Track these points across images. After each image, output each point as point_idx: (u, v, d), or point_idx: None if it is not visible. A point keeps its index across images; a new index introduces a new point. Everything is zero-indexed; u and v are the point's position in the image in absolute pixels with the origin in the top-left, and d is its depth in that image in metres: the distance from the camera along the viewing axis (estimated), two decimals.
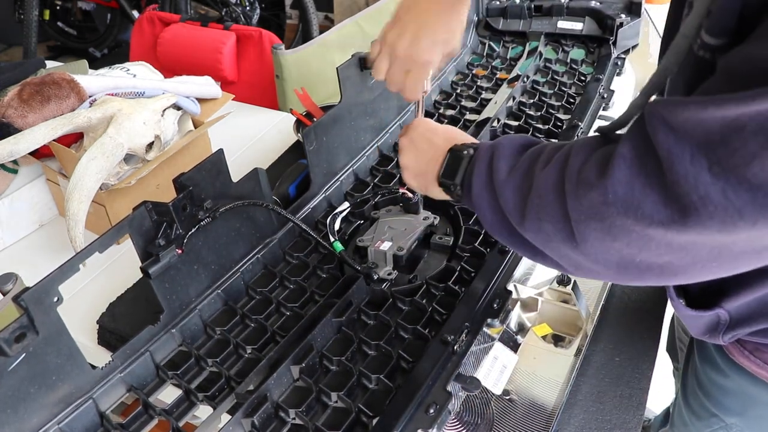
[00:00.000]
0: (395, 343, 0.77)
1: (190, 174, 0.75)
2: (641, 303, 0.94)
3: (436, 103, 1.32)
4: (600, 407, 0.79)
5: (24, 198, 1.12)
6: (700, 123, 0.41)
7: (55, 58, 3.71)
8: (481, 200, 0.62)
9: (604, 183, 0.46)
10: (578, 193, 0.49)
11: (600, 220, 0.47)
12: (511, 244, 0.62)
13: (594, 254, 0.49)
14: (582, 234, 0.49)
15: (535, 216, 0.54)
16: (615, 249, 0.48)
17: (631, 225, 0.45)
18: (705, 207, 0.40)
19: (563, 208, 0.50)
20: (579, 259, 0.52)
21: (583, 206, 0.48)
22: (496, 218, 0.61)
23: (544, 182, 0.53)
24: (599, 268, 0.51)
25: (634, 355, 0.86)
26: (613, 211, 0.45)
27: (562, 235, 0.51)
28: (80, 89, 1.09)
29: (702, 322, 0.67)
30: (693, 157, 0.41)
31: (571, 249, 0.51)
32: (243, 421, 0.67)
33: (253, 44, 1.76)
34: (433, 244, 0.90)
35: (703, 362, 0.79)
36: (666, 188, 0.42)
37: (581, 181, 0.49)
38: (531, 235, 0.56)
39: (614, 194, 0.45)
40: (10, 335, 0.58)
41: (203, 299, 0.82)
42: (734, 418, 0.78)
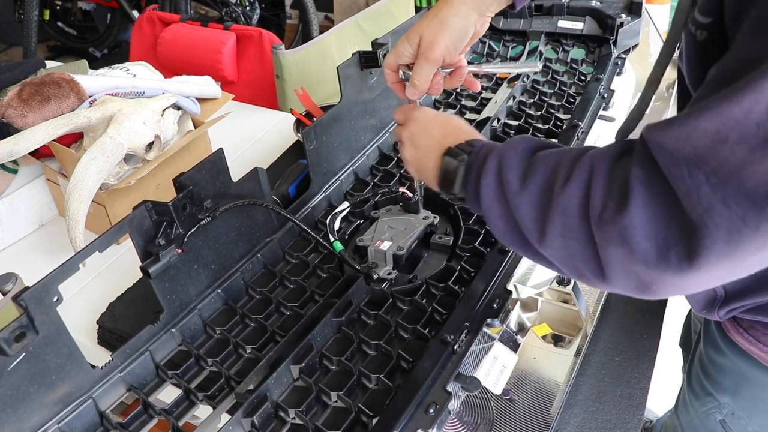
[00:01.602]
0: (395, 342, 0.77)
1: (190, 174, 0.75)
2: (641, 303, 0.94)
3: (436, 102, 1.32)
4: (600, 407, 0.78)
5: (24, 198, 1.12)
6: (687, 139, 0.42)
7: (55, 58, 3.71)
8: (492, 211, 0.60)
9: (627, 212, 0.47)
10: (602, 221, 0.49)
11: (622, 245, 0.47)
12: (524, 252, 0.61)
13: (614, 276, 0.50)
14: (606, 259, 0.50)
15: (558, 233, 0.53)
16: (634, 275, 0.49)
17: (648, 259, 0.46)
18: (711, 219, 0.42)
19: (588, 230, 0.50)
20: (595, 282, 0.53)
21: (607, 234, 0.48)
22: (509, 227, 0.59)
23: (567, 202, 0.52)
24: (617, 288, 0.52)
25: (634, 355, 0.86)
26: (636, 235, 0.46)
27: (586, 255, 0.51)
28: (80, 89, 1.09)
29: (700, 296, 0.69)
30: (690, 173, 0.42)
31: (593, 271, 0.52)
32: (243, 420, 0.67)
33: (253, 44, 1.76)
34: (433, 243, 0.90)
35: (705, 342, 0.80)
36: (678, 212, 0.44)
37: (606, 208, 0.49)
38: (552, 252, 0.55)
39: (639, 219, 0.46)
40: (9, 335, 0.58)
41: (203, 299, 0.82)
42: (727, 398, 0.79)
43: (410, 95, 0.78)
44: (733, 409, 0.79)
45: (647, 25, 1.52)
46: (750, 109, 0.40)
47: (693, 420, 0.87)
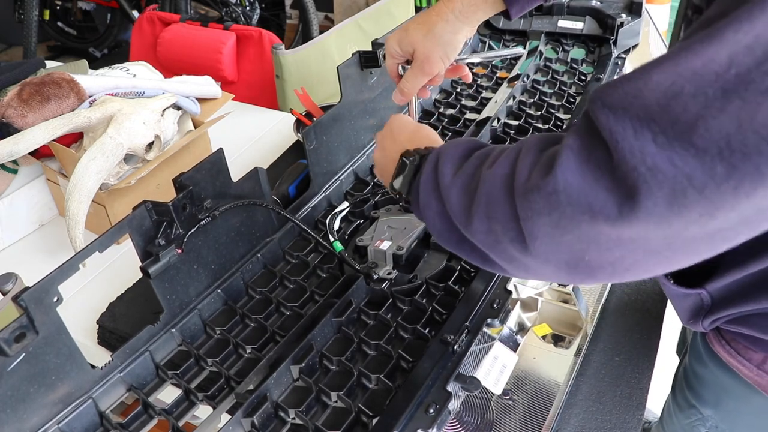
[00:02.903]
0: (395, 342, 0.77)
1: (190, 174, 0.75)
2: (641, 303, 0.94)
3: (436, 102, 1.32)
4: (600, 407, 0.78)
5: (24, 198, 1.12)
6: (637, 96, 0.40)
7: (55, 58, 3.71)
8: (428, 209, 0.60)
9: (553, 174, 0.44)
10: (527, 189, 0.47)
11: (549, 213, 0.45)
12: (460, 252, 0.60)
13: (544, 253, 0.48)
14: (531, 232, 0.47)
15: (483, 216, 0.52)
16: (565, 245, 0.46)
17: (579, 217, 0.43)
18: (654, 178, 0.39)
19: (512, 206, 0.49)
20: (528, 261, 0.50)
21: (531, 202, 0.46)
22: (444, 226, 0.59)
23: (492, 180, 0.51)
24: (549, 270, 0.49)
25: (634, 355, 0.86)
26: (562, 200, 0.44)
27: (511, 235, 0.49)
28: (80, 89, 1.09)
29: (687, 304, 0.67)
30: (636, 132, 0.39)
31: (520, 251, 0.49)
32: (243, 420, 0.67)
33: (253, 44, 1.76)
34: (433, 243, 0.90)
35: (690, 353, 0.79)
36: (614, 171, 0.41)
37: (531, 178, 0.47)
38: (480, 237, 0.54)
39: (564, 184, 0.44)
40: (9, 335, 0.58)
41: (203, 299, 0.82)
42: (710, 410, 0.78)
43: (397, 101, 0.81)
44: (716, 422, 0.78)
45: (647, 25, 1.52)
46: (710, 59, 0.37)
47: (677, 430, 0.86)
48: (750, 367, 0.66)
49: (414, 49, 0.78)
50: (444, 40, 0.77)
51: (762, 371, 0.65)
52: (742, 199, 0.37)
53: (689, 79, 0.37)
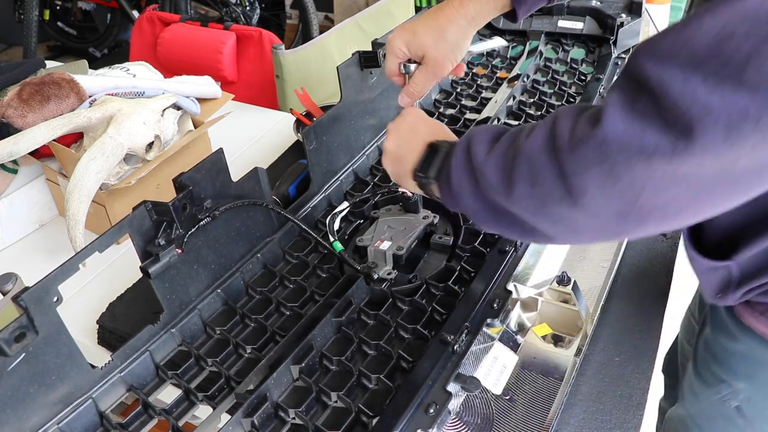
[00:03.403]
0: (395, 343, 0.77)
1: (190, 174, 0.75)
2: (641, 303, 0.94)
3: (436, 102, 1.32)
4: (600, 407, 0.78)
5: (24, 198, 1.12)
6: (685, 44, 0.42)
7: (55, 58, 3.71)
8: (461, 189, 0.62)
9: (601, 126, 0.46)
10: (573, 145, 0.49)
11: (600, 163, 0.47)
12: (498, 227, 0.62)
13: (593, 206, 0.49)
14: (580, 186, 0.49)
15: (525, 182, 0.54)
16: (616, 194, 0.48)
17: (633, 161, 0.45)
18: (709, 115, 0.41)
19: (557, 165, 0.50)
20: (576, 218, 0.52)
21: (580, 156, 0.48)
22: (478, 205, 0.61)
23: (531, 147, 0.53)
24: (598, 224, 0.51)
25: (634, 355, 0.86)
26: (614, 148, 0.46)
27: (558, 194, 0.51)
28: (80, 89, 1.09)
29: (715, 279, 0.69)
30: (686, 77, 0.42)
31: (568, 207, 0.51)
32: (243, 420, 0.67)
33: (253, 44, 1.76)
34: (432, 243, 0.90)
35: (716, 330, 0.80)
36: (663, 115, 0.43)
37: (575, 134, 0.49)
38: (522, 204, 0.55)
39: (613, 133, 0.46)
40: (9, 335, 0.58)
41: (203, 299, 0.82)
42: (742, 383, 0.79)
43: (404, 104, 0.83)
44: (749, 394, 0.78)
45: (647, 25, 1.52)
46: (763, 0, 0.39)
47: (705, 409, 0.86)
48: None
49: (424, 53, 0.80)
50: (455, 44, 0.79)
51: None
52: None
53: (741, 21, 0.40)
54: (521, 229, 0.59)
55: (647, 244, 1.06)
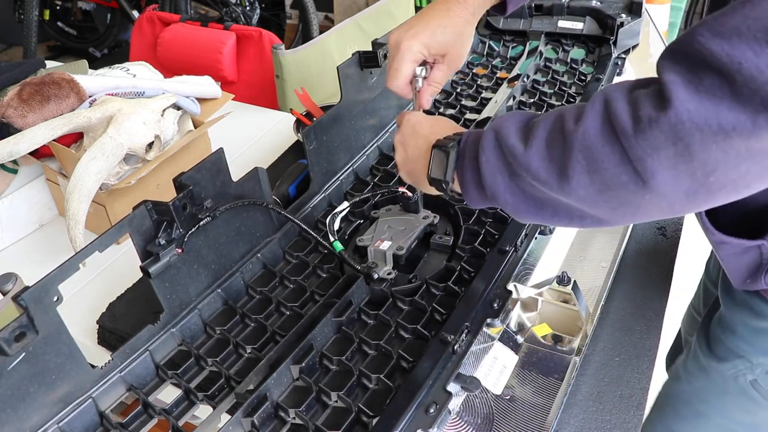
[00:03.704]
0: (395, 342, 0.77)
1: (190, 173, 0.75)
2: (641, 303, 0.94)
3: (436, 102, 1.32)
4: (600, 407, 0.79)
5: (24, 198, 1.12)
6: (756, 19, 0.42)
7: (55, 58, 3.71)
8: (496, 186, 0.61)
9: (673, 107, 0.46)
10: (641, 129, 0.48)
11: (673, 144, 0.46)
12: (542, 218, 0.61)
13: (663, 187, 0.49)
14: (650, 169, 0.49)
15: (583, 171, 0.53)
16: (688, 173, 0.48)
17: (710, 139, 0.45)
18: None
19: (619, 151, 0.50)
20: (642, 200, 0.51)
21: (649, 140, 0.48)
22: (517, 198, 0.60)
23: (586, 134, 0.52)
24: (665, 203, 0.51)
25: (634, 355, 0.86)
26: (689, 128, 0.45)
27: (623, 179, 0.50)
28: (80, 89, 1.09)
29: (745, 261, 0.69)
30: (756, 52, 0.42)
31: (634, 191, 0.51)
32: (243, 420, 0.67)
33: (253, 44, 1.76)
34: (433, 243, 0.90)
35: (733, 307, 0.82)
36: (736, 92, 0.43)
37: (640, 117, 0.48)
38: (580, 193, 0.54)
39: (687, 113, 0.45)
40: (9, 335, 0.58)
41: (203, 299, 0.82)
42: (763, 357, 0.81)
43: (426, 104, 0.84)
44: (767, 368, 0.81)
45: (647, 25, 1.52)
46: None
47: (716, 383, 0.88)
48: None
49: (447, 51, 0.80)
50: (470, 39, 0.81)
51: None
52: None
53: None
54: (568, 216, 0.59)
55: (647, 244, 1.06)
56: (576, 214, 0.57)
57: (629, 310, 0.93)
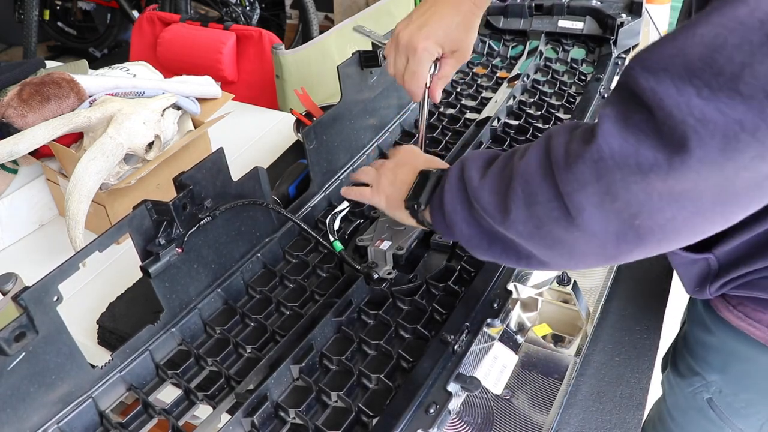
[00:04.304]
0: (395, 342, 0.77)
1: (190, 173, 0.75)
2: (641, 303, 0.94)
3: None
4: (600, 407, 0.78)
5: (24, 198, 1.12)
6: (678, 54, 0.41)
7: (55, 58, 3.71)
8: (455, 215, 0.62)
9: (596, 142, 0.45)
10: (568, 163, 0.48)
11: (597, 180, 0.46)
12: (492, 254, 0.61)
13: (591, 225, 0.48)
14: (577, 205, 0.48)
15: (521, 204, 0.53)
16: (614, 213, 0.47)
17: (630, 179, 0.44)
18: (705, 128, 0.40)
19: (553, 185, 0.49)
20: (574, 239, 0.51)
21: (575, 174, 0.47)
22: (472, 231, 0.61)
23: (526, 168, 0.52)
24: (596, 244, 0.50)
25: (634, 355, 0.86)
26: (610, 165, 0.45)
27: (555, 215, 0.50)
28: (80, 89, 1.09)
29: (694, 271, 0.69)
30: (679, 89, 0.41)
31: (565, 228, 0.50)
32: (243, 420, 0.67)
33: (253, 44, 1.76)
34: (433, 243, 0.90)
35: (692, 323, 0.82)
36: (658, 130, 0.42)
37: (570, 151, 0.48)
38: (519, 228, 0.54)
39: (609, 149, 0.45)
40: (9, 334, 0.58)
41: (203, 298, 0.82)
42: (715, 375, 0.79)
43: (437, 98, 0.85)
44: (720, 387, 0.80)
45: (647, 25, 1.52)
46: (755, 6, 0.38)
47: (679, 401, 0.88)
48: (760, 327, 0.68)
49: (459, 47, 0.80)
50: (476, 32, 0.82)
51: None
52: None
53: (733, 29, 0.38)
54: (516, 256, 0.59)
55: None
56: (523, 253, 0.57)
57: (629, 310, 0.93)
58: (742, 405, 0.78)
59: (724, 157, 0.40)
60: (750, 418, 0.78)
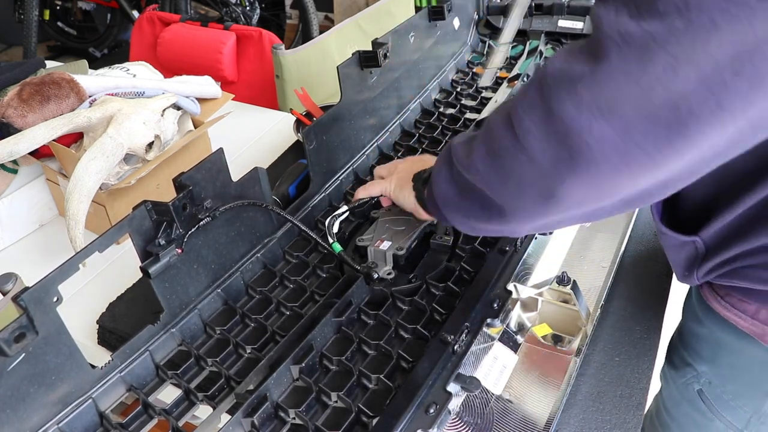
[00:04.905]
0: (395, 343, 0.77)
1: (190, 173, 0.75)
2: (641, 303, 0.94)
3: (436, 102, 1.32)
4: (600, 407, 0.78)
5: (24, 198, 1.12)
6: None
7: (55, 58, 3.72)
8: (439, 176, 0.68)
9: (544, 68, 0.50)
10: (523, 91, 0.52)
11: (541, 101, 0.49)
12: (461, 210, 0.66)
13: (534, 147, 0.51)
14: (525, 128, 0.51)
15: (481, 141, 0.58)
16: (553, 133, 0.49)
17: (564, 92, 0.47)
18: (624, 40, 0.44)
19: (507, 116, 0.54)
20: (521, 165, 0.53)
21: (527, 98, 0.51)
22: (449, 188, 0.66)
23: (493, 115, 0.58)
24: (538, 172, 0.52)
25: (634, 355, 0.86)
26: (550, 83, 0.48)
27: (507, 143, 0.53)
28: (80, 89, 1.09)
29: (682, 255, 0.71)
30: (617, 11, 0.44)
31: (514, 155, 0.53)
32: (243, 420, 0.67)
33: (253, 44, 1.76)
34: (432, 243, 0.90)
35: (685, 315, 0.84)
36: (590, 45, 0.47)
37: (526, 84, 0.53)
38: (478, 165, 0.59)
39: (552, 69, 0.49)
40: (9, 335, 0.58)
41: (203, 299, 0.82)
42: (705, 366, 0.81)
43: None
44: (709, 378, 0.81)
45: None
46: None
47: (673, 392, 0.89)
48: (745, 317, 0.69)
49: None
50: None
51: (756, 320, 0.68)
52: (699, 50, 0.41)
53: None
54: (480, 206, 0.62)
55: (647, 244, 1.06)
56: (487, 202, 0.60)
57: (629, 310, 0.93)
58: (730, 397, 0.79)
59: (639, 66, 0.43)
60: (738, 410, 0.79)
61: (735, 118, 0.43)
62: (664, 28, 0.42)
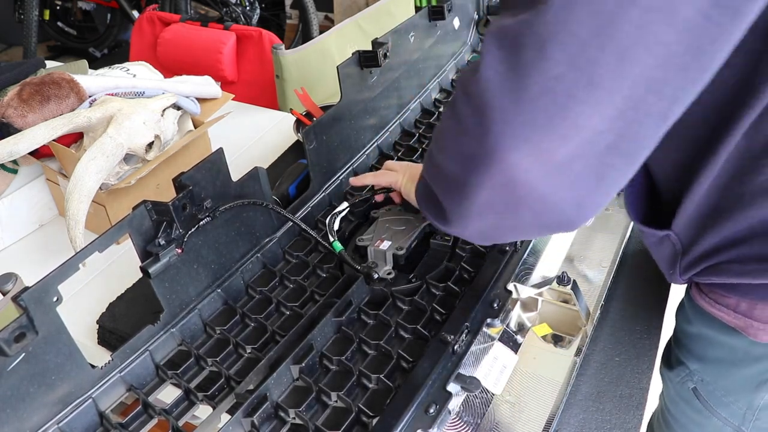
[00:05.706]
0: (395, 342, 0.77)
1: (190, 173, 0.75)
2: (641, 303, 0.94)
3: (436, 102, 1.32)
4: (600, 407, 0.78)
5: (24, 198, 1.12)
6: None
7: (55, 58, 3.72)
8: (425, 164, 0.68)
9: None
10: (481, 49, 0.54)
11: (497, 50, 0.48)
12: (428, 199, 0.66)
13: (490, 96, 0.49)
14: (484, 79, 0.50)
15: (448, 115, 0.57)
16: (507, 78, 0.48)
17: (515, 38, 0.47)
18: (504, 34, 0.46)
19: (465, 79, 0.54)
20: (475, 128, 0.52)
21: (486, 47, 0.50)
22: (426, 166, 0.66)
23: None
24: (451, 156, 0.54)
25: (634, 355, 0.86)
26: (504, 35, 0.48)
27: (465, 110, 0.53)
28: (80, 89, 1.09)
29: (663, 252, 0.72)
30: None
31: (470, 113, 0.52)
32: (243, 420, 0.67)
33: (253, 44, 1.76)
34: (432, 243, 0.90)
35: (678, 317, 0.84)
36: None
37: None
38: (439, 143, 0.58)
39: (504, 24, 0.48)
40: (9, 335, 0.58)
41: (203, 299, 0.82)
42: (696, 364, 0.81)
43: None
44: (701, 376, 0.81)
45: None
46: None
47: (671, 392, 0.89)
48: (728, 311, 0.70)
49: None
50: None
51: (738, 313, 0.69)
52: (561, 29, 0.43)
53: None
54: (434, 206, 0.63)
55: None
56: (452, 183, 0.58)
57: (629, 310, 0.93)
58: (722, 393, 0.79)
59: (513, 54, 0.45)
60: (731, 406, 0.79)
61: (611, 93, 0.44)
62: (531, 14, 0.44)
